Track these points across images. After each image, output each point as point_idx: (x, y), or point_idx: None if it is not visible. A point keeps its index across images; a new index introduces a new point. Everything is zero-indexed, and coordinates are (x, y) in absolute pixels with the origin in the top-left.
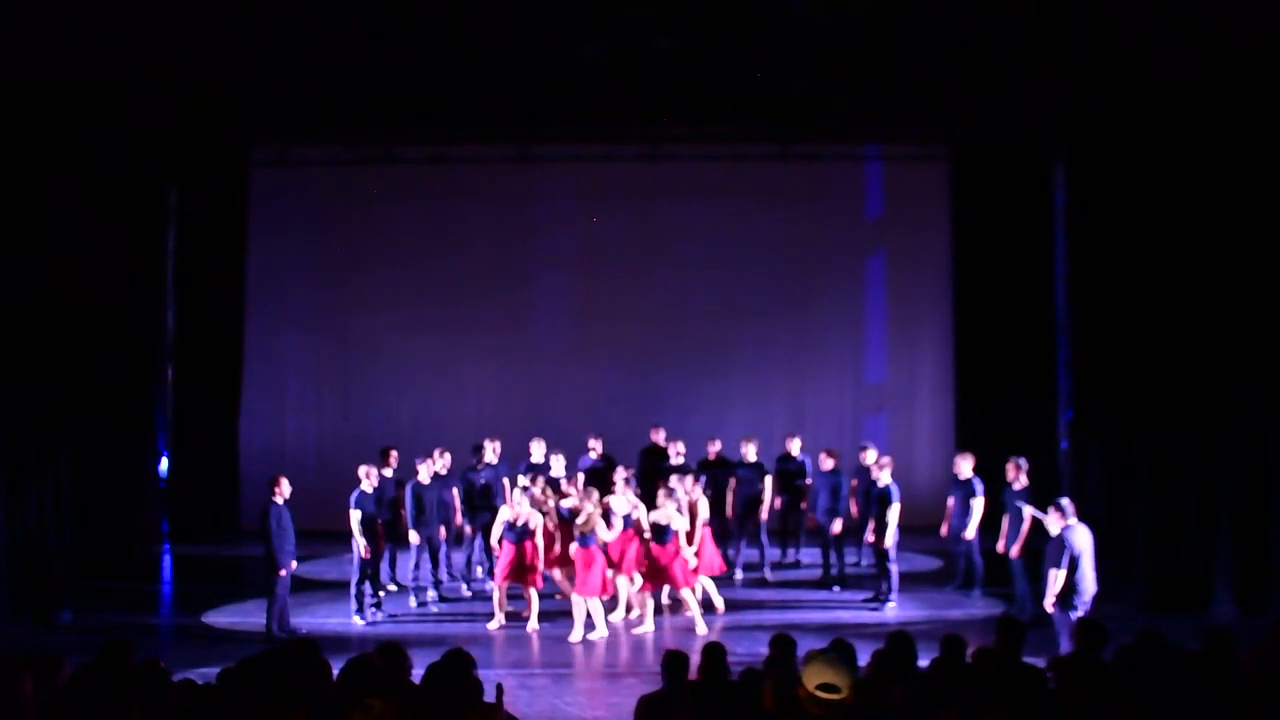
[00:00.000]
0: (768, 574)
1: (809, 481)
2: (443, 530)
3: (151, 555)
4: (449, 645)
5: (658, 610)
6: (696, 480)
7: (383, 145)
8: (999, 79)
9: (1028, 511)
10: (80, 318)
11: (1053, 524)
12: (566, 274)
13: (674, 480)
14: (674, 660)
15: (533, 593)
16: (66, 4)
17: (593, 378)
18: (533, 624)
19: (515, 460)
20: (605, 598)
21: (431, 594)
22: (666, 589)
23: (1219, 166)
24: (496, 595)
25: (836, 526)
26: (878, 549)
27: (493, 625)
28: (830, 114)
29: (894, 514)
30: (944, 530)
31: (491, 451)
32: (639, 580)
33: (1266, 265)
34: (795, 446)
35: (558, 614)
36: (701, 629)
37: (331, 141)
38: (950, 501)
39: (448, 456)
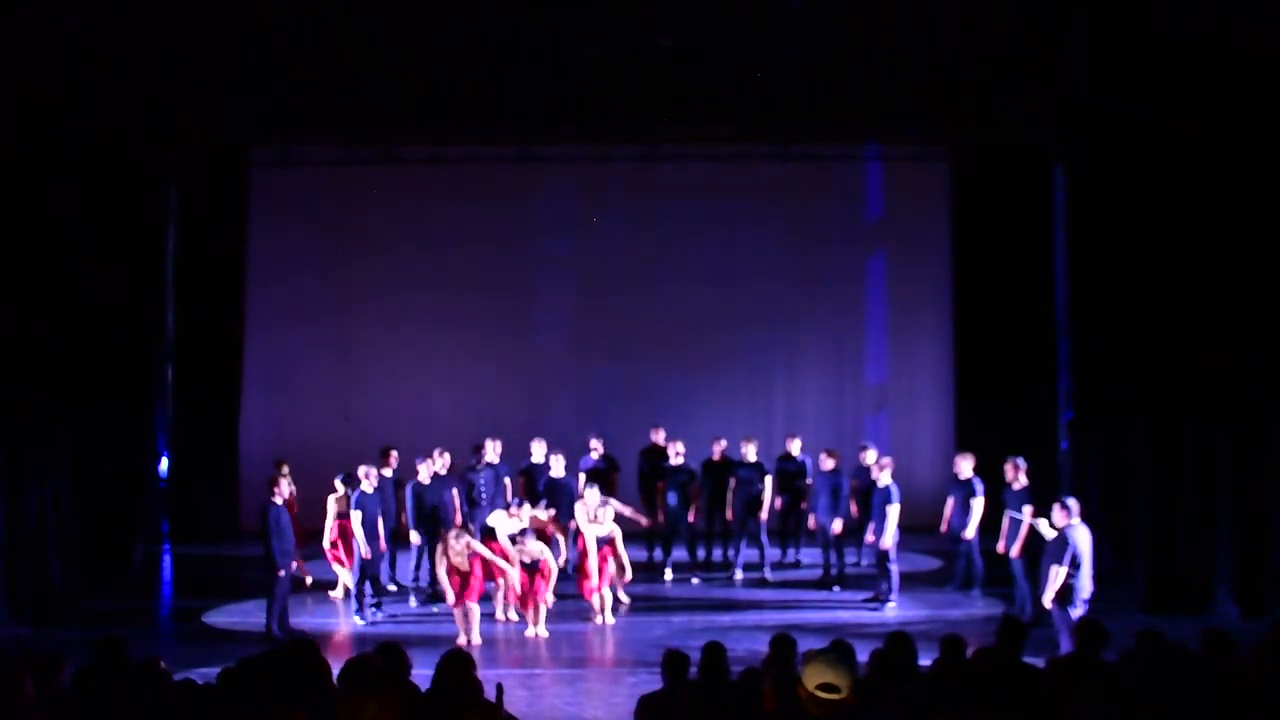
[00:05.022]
0: (768, 574)
1: (809, 481)
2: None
3: (151, 555)
4: (449, 645)
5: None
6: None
7: (383, 145)
8: (999, 79)
9: (1025, 516)
10: (80, 318)
11: (1045, 527)
12: (566, 274)
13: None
14: (674, 660)
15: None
16: (67, 5)
17: (593, 378)
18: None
19: (515, 460)
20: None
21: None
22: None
23: (1218, 166)
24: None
25: (836, 526)
26: (878, 549)
27: (530, 633)
28: (830, 114)
29: (894, 514)
30: (944, 530)
31: (492, 451)
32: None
33: (1266, 265)
34: (795, 446)
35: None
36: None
37: (331, 141)
38: (950, 501)
39: (447, 456)
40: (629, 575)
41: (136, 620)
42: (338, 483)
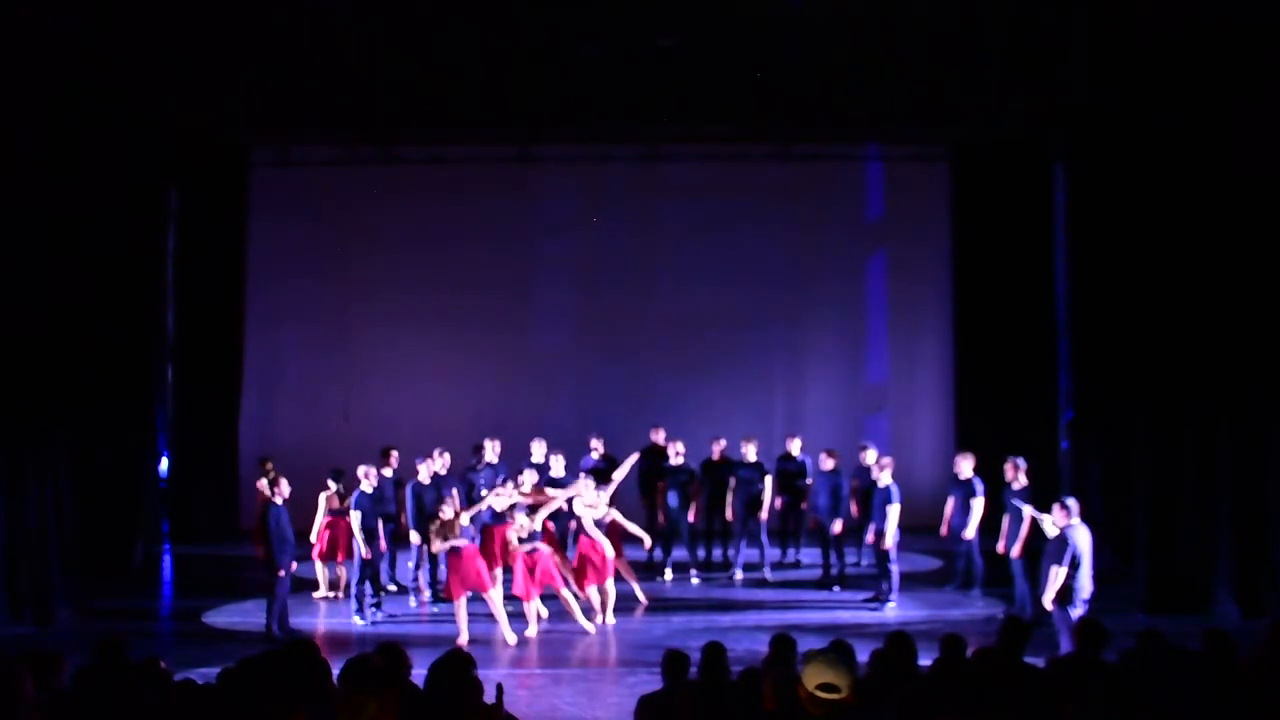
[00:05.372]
0: (768, 574)
1: (809, 481)
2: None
3: (151, 555)
4: (449, 645)
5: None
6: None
7: (383, 145)
8: (999, 79)
9: (1028, 511)
10: (80, 318)
11: (1049, 524)
12: (566, 274)
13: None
14: (674, 660)
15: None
16: (66, 4)
17: (593, 378)
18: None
19: (515, 460)
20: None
21: (427, 594)
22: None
23: (1219, 166)
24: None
25: (836, 526)
26: (878, 549)
27: (530, 632)
28: (830, 114)
29: (894, 514)
30: (944, 530)
31: (491, 451)
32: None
33: (1266, 265)
34: (795, 446)
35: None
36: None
37: (331, 141)
38: (950, 501)
39: (447, 456)
40: (647, 541)
41: (136, 620)
42: (329, 481)
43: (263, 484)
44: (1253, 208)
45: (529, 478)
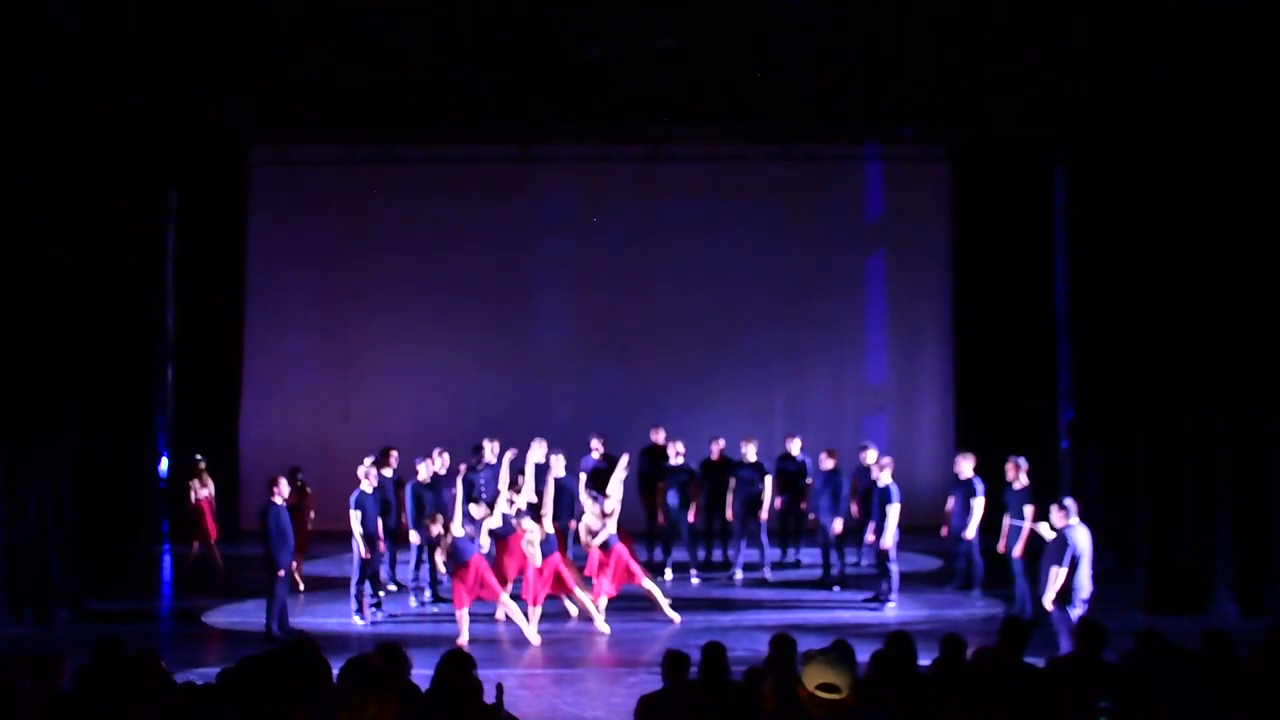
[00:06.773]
0: (768, 574)
1: (809, 481)
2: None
3: (151, 555)
4: (449, 645)
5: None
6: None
7: (383, 145)
8: (999, 79)
9: (1027, 522)
10: (80, 318)
11: (1045, 529)
12: (566, 274)
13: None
14: (674, 660)
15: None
16: (66, 4)
17: (593, 378)
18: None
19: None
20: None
21: (428, 594)
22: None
23: (1219, 166)
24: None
25: (837, 526)
26: (878, 549)
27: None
28: (830, 114)
29: (894, 514)
30: (944, 530)
31: (491, 451)
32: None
33: (1266, 265)
34: (795, 446)
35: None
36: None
37: (331, 141)
38: (950, 501)
39: (447, 456)
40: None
41: (136, 620)
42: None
43: (194, 483)
44: (1253, 208)
45: (502, 487)
